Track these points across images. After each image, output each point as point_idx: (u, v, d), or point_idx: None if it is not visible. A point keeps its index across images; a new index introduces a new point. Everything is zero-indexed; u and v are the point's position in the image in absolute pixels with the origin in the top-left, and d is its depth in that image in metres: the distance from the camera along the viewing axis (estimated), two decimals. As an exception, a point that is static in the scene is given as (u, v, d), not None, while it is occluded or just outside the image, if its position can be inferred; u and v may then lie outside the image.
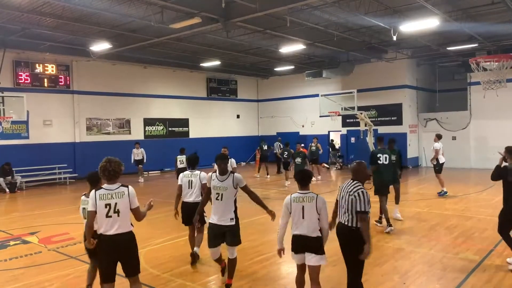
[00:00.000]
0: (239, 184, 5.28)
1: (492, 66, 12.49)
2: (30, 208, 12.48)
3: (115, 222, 4.23)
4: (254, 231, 8.70)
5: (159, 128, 22.57)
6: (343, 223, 4.44)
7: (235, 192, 5.31)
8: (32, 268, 6.65)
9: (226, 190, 5.23)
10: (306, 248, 4.46)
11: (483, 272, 5.91)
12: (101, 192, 4.27)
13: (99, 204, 4.23)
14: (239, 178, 5.31)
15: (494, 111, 19.02)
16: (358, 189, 4.35)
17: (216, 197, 5.26)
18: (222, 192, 5.23)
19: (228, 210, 5.27)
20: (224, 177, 5.29)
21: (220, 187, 5.26)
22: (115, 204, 4.23)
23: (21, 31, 14.16)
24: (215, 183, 5.30)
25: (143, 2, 11.81)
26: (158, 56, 19.47)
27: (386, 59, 19.91)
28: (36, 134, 17.90)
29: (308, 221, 4.45)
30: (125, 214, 4.29)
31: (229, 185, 5.25)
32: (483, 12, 13.50)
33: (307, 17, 13.44)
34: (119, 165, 4.34)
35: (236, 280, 5.86)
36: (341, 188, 4.61)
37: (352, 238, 4.33)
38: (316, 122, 24.18)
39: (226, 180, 5.27)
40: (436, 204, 11.36)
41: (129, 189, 4.35)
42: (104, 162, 4.31)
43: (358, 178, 4.52)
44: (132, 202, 4.33)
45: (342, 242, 4.48)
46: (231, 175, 5.30)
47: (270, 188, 15.21)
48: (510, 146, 6.16)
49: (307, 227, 4.45)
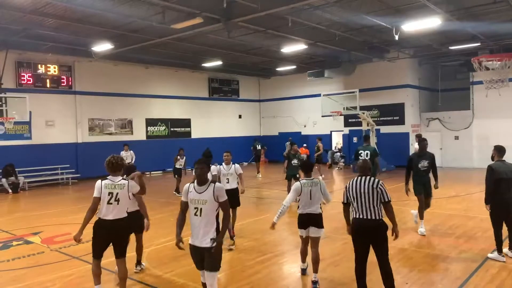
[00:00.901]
0: (219, 198, 4.36)
1: (494, 65, 12.48)
2: (32, 208, 12.51)
3: (114, 209, 4.97)
4: (256, 231, 8.70)
5: (161, 128, 22.59)
6: (367, 218, 4.76)
7: (217, 207, 4.40)
8: (35, 268, 6.67)
9: (205, 204, 4.32)
10: (311, 223, 5.56)
11: (485, 272, 5.89)
12: (106, 182, 5.04)
13: (104, 191, 4.98)
14: (219, 188, 4.41)
15: (497, 110, 18.96)
16: (379, 183, 4.81)
17: (195, 212, 4.37)
18: (201, 206, 4.34)
19: (208, 229, 4.33)
20: (203, 187, 4.38)
21: (198, 200, 4.37)
22: (116, 194, 4.97)
23: (23, 31, 14.19)
24: (192, 196, 4.40)
25: (145, 3, 11.82)
26: (159, 56, 19.48)
27: (388, 58, 19.87)
28: (39, 134, 17.94)
29: (314, 202, 5.57)
30: (124, 203, 5.05)
31: (208, 197, 4.34)
32: (486, 11, 13.44)
33: (309, 17, 13.43)
34: (121, 160, 5.23)
35: (238, 280, 5.86)
36: (354, 186, 4.86)
37: (379, 229, 4.75)
38: (318, 122, 24.16)
39: (205, 192, 4.35)
40: (438, 204, 11.33)
41: (130, 182, 5.14)
42: (109, 157, 5.16)
43: (367, 173, 4.95)
44: (131, 191, 5.11)
45: (368, 236, 4.79)
46: (211, 185, 4.38)
47: (273, 188, 15.20)
48: (499, 145, 6.51)
49: (313, 206, 5.56)
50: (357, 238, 4.87)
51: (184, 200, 4.45)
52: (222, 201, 4.36)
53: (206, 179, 4.42)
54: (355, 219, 4.86)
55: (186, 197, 4.43)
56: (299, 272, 6.18)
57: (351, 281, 5.67)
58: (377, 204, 4.73)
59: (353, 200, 4.86)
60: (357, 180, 4.88)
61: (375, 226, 4.73)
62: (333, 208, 10.77)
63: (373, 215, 4.73)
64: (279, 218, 5.56)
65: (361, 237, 4.83)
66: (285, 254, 7.11)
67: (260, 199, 13.16)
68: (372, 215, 4.73)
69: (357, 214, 4.83)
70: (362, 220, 4.77)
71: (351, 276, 5.82)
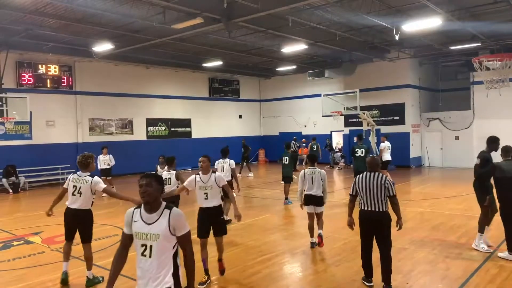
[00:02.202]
0: (176, 231, 3.02)
1: (495, 65, 12.42)
2: (33, 208, 12.52)
3: (78, 200, 5.65)
4: (256, 231, 8.70)
5: (161, 128, 22.60)
6: (373, 210, 5.20)
7: (174, 244, 3.07)
8: (35, 268, 6.67)
9: (157, 240, 2.99)
10: (313, 202, 7.14)
11: (486, 272, 5.89)
12: (74, 176, 5.74)
13: (70, 184, 5.71)
14: (177, 215, 3.04)
15: (497, 110, 18.95)
16: (386, 179, 5.26)
17: (142, 252, 3.03)
18: (151, 244, 3.00)
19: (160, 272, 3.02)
20: (153, 216, 3.04)
21: (144, 234, 3.04)
22: (79, 188, 5.63)
23: (24, 32, 14.20)
24: (136, 228, 3.07)
25: (145, 3, 11.83)
26: (160, 56, 19.49)
27: (388, 58, 19.87)
28: (39, 134, 17.96)
29: (315, 186, 7.11)
30: (87, 196, 5.62)
31: (161, 230, 2.99)
32: (486, 11, 13.44)
33: (309, 17, 13.43)
34: (87, 158, 5.78)
35: (238, 280, 5.86)
36: (364, 180, 5.29)
37: (384, 220, 5.20)
38: (318, 122, 24.17)
39: (156, 223, 3.02)
40: (439, 204, 11.33)
41: (93, 178, 5.66)
42: (79, 156, 5.82)
43: (376, 169, 5.36)
44: (94, 188, 5.63)
45: (374, 226, 5.23)
46: (166, 212, 3.03)
47: (273, 188, 15.20)
48: (507, 146, 6.60)
49: (315, 190, 7.12)
50: (364, 226, 5.31)
51: (127, 233, 3.15)
52: (181, 234, 3.03)
53: (157, 201, 3.06)
54: (363, 211, 5.28)
55: (129, 228, 3.12)
56: (300, 272, 6.19)
57: (352, 281, 5.68)
58: (384, 198, 5.19)
59: (362, 193, 5.28)
60: (367, 176, 5.30)
61: (381, 216, 5.19)
62: (334, 208, 10.79)
63: (380, 207, 5.18)
64: (300, 199, 7.32)
65: (368, 227, 5.27)
66: (286, 254, 7.11)
67: (260, 199, 13.16)
68: (378, 208, 5.18)
69: (365, 207, 5.26)
70: (369, 211, 5.22)
71: (351, 276, 5.83)
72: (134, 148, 20.67)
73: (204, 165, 5.80)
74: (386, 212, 5.22)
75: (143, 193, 3.02)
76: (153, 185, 3.06)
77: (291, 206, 11.53)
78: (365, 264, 5.46)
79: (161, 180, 3.14)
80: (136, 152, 20.59)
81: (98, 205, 12.05)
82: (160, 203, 3.10)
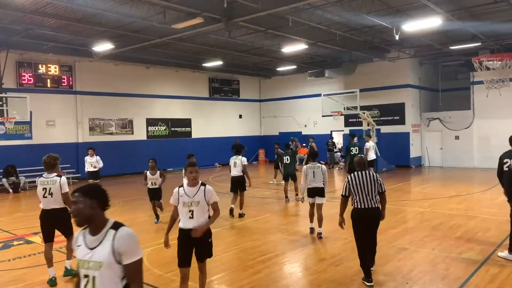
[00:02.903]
0: (122, 258, 2.42)
1: (495, 65, 12.41)
2: (33, 208, 12.46)
3: (50, 201, 5.84)
4: (256, 231, 8.70)
5: (161, 128, 22.60)
6: (370, 207, 5.41)
7: (123, 276, 2.45)
8: (35, 268, 6.67)
9: (99, 269, 2.43)
10: (316, 193, 7.89)
11: (486, 272, 5.88)
12: (41, 179, 5.86)
13: (39, 188, 5.84)
14: (124, 236, 2.45)
15: (498, 110, 18.95)
16: (378, 176, 5.61)
17: (85, 285, 2.48)
18: (93, 275, 2.45)
19: None
20: (96, 239, 2.50)
21: (86, 261, 2.48)
22: (49, 189, 5.79)
23: (24, 32, 14.20)
24: (79, 254, 2.54)
25: (145, 3, 11.83)
26: (160, 56, 19.49)
27: (388, 58, 19.87)
28: (39, 134, 17.96)
29: (317, 179, 7.86)
30: (57, 196, 5.82)
31: (104, 256, 2.42)
32: (486, 11, 13.44)
33: (309, 17, 13.43)
34: (55, 159, 5.97)
35: (239, 279, 5.87)
36: (357, 179, 5.49)
37: (378, 215, 5.52)
38: (318, 122, 24.17)
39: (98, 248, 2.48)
40: (439, 203, 11.33)
41: (61, 178, 5.88)
42: (45, 157, 5.93)
43: (364, 168, 5.62)
44: (63, 188, 5.83)
45: (369, 222, 5.46)
46: (110, 233, 2.46)
47: (273, 188, 15.19)
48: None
49: (317, 182, 7.86)
50: (359, 224, 5.45)
51: None
52: (128, 263, 2.41)
53: (95, 221, 2.50)
54: (358, 209, 5.43)
55: None
56: (300, 272, 6.20)
57: (352, 281, 5.68)
58: (377, 194, 5.47)
59: (357, 192, 5.45)
60: (359, 174, 5.52)
61: (376, 212, 5.49)
62: (334, 208, 10.78)
63: (375, 203, 5.44)
64: (303, 193, 8.11)
65: (364, 223, 5.44)
66: (286, 254, 7.11)
67: (260, 199, 13.16)
68: (374, 204, 5.43)
69: (360, 205, 5.42)
70: (365, 209, 5.41)
71: (351, 276, 5.83)
72: (134, 148, 20.67)
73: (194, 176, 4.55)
74: (379, 208, 5.51)
75: (72, 213, 2.47)
76: (82, 201, 2.46)
77: (290, 206, 11.55)
78: (364, 263, 5.47)
79: (95, 193, 2.52)
80: (136, 152, 20.60)
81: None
82: (104, 222, 2.49)
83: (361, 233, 5.47)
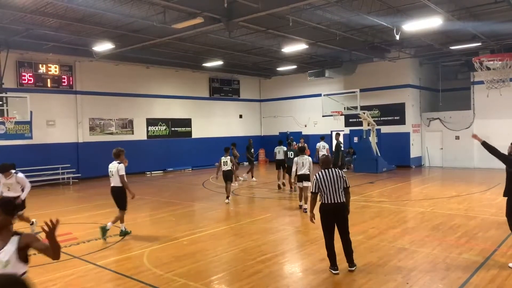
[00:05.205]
0: None
1: (495, 65, 12.40)
2: (33, 208, 12.48)
3: (112, 180, 8.18)
4: (256, 231, 8.70)
5: (161, 128, 22.60)
6: (336, 202, 5.85)
7: None
8: (35, 268, 6.65)
9: None
10: (303, 179, 10.19)
11: (486, 272, 5.88)
12: (109, 165, 8.04)
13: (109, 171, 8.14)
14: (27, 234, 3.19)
15: (498, 110, 18.96)
16: (343, 173, 6.09)
17: None
18: None
19: None
20: None
21: None
22: (112, 171, 8.09)
23: (24, 31, 14.21)
24: None
25: (146, 3, 11.83)
26: (160, 56, 19.49)
27: (389, 58, 19.87)
28: (40, 134, 17.96)
29: (305, 168, 10.22)
30: (116, 177, 8.06)
31: None
32: (487, 11, 13.44)
33: (310, 17, 13.42)
34: (118, 151, 8.08)
35: (239, 279, 5.87)
36: (325, 177, 5.92)
37: (344, 209, 5.94)
38: (318, 122, 24.17)
39: None
40: (440, 203, 11.33)
41: (120, 164, 8.00)
42: (114, 149, 8.08)
43: (330, 166, 6.10)
44: (119, 171, 8.01)
45: (336, 216, 5.89)
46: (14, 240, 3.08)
47: (272, 188, 15.20)
48: None
49: (303, 170, 10.23)
50: (327, 218, 5.91)
51: None
52: None
53: None
54: (326, 204, 5.87)
55: None
56: (300, 272, 6.20)
57: (352, 281, 5.69)
58: (342, 190, 5.91)
59: (325, 188, 5.85)
60: (325, 172, 5.97)
61: (342, 206, 5.90)
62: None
63: (341, 198, 5.88)
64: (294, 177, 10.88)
65: (331, 217, 5.89)
66: (286, 254, 7.11)
67: (260, 199, 13.17)
68: (340, 199, 5.87)
69: (328, 200, 5.86)
70: (333, 204, 5.85)
71: (351, 276, 5.84)
72: (134, 148, 20.65)
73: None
74: (344, 203, 5.94)
75: None
76: None
77: (290, 206, 11.55)
78: (331, 254, 5.93)
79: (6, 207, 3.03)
80: (137, 152, 20.59)
81: (98, 205, 12.07)
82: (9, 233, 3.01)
83: (328, 226, 5.93)
